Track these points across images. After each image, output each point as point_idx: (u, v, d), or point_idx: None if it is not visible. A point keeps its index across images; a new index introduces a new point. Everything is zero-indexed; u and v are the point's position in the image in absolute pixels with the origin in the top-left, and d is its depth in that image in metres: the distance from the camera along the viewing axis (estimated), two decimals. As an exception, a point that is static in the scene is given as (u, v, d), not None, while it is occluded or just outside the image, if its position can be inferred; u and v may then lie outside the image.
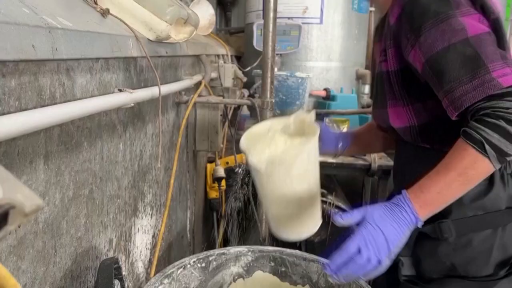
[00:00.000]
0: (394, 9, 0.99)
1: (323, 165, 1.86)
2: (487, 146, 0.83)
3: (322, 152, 1.10)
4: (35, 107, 0.69)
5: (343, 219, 0.93)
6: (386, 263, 0.87)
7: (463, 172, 0.86)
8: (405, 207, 0.88)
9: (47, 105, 0.72)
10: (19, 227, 0.68)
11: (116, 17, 1.08)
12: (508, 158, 0.85)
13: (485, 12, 0.94)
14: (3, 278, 0.32)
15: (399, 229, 0.87)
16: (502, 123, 0.82)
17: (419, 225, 0.89)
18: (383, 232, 0.87)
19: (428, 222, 0.95)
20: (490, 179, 1.00)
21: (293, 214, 1.02)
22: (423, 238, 1.06)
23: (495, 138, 0.83)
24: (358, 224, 0.90)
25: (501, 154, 0.83)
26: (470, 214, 1.01)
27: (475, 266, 1.02)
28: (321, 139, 1.03)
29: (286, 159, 0.98)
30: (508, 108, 0.82)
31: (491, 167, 0.85)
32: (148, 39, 1.18)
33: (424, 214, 0.89)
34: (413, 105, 1.02)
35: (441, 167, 0.89)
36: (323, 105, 2.72)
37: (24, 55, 0.60)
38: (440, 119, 0.98)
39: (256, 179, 1.02)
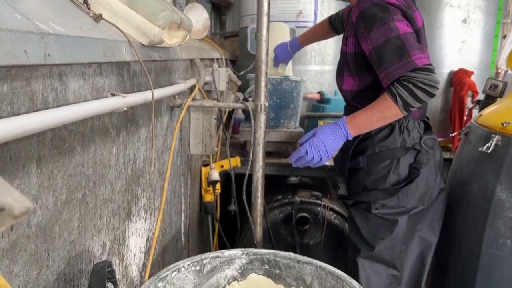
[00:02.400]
0: (355, 11, 1.49)
1: (317, 168, 1.87)
2: (398, 98, 1.38)
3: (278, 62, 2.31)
4: (27, 112, 0.70)
5: (302, 139, 1.56)
6: (325, 160, 1.52)
7: (381, 111, 1.43)
8: (341, 126, 1.49)
9: (40, 110, 0.73)
10: (11, 230, 0.68)
11: (109, 22, 1.09)
12: (411, 108, 1.39)
13: (410, 22, 1.45)
14: (-8, 278, 0.33)
15: (335, 140, 1.49)
16: (410, 85, 1.36)
17: (349, 137, 1.49)
18: (323, 142, 1.49)
19: (352, 159, 1.61)
20: (392, 128, 1.54)
21: None
22: (351, 170, 1.64)
23: (404, 94, 1.37)
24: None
25: (406, 104, 1.38)
26: (377, 150, 1.57)
27: (377, 184, 1.56)
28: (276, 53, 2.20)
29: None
30: (415, 77, 1.35)
31: (399, 112, 1.40)
32: (141, 44, 1.19)
33: (354, 132, 1.48)
34: (359, 77, 1.57)
35: (369, 106, 1.46)
36: (317, 108, 2.74)
37: (16, 60, 0.61)
38: (370, 87, 1.54)
39: None
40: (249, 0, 2.84)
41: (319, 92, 2.73)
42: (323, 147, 1.48)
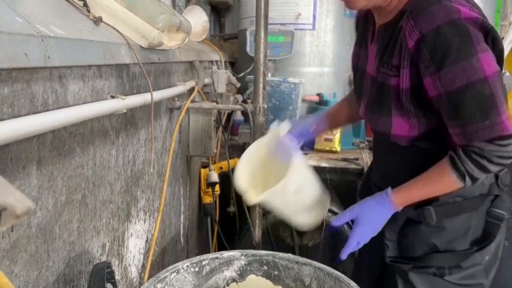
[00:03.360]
0: (410, 31, 1.00)
1: (316, 170, 1.89)
2: (467, 178, 1.04)
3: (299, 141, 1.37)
4: (28, 114, 0.70)
5: (338, 221, 1.24)
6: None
7: (441, 189, 1.11)
8: (388, 206, 1.15)
9: (40, 112, 0.74)
10: (12, 230, 0.69)
11: (109, 25, 1.10)
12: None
13: (494, 44, 1.01)
14: (-5, 277, 0.33)
15: (381, 223, 1.17)
16: (484, 162, 1.01)
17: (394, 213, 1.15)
18: (372, 229, 1.18)
19: (414, 208, 1.18)
20: None
21: (301, 217, 1.33)
22: (409, 222, 1.22)
23: (475, 171, 1.02)
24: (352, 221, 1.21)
25: (474, 180, 1.05)
26: (451, 201, 1.16)
27: (454, 244, 1.18)
28: (295, 135, 1.33)
29: (277, 189, 1.17)
30: (492, 151, 0.99)
31: (462, 186, 1.07)
32: (141, 46, 1.19)
33: (401, 208, 1.15)
34: (418, 119, 1.10)
35: (425, 179, 1.11)
36: (316, 110, 2.74)
37: (17, 63, 0.62)
38: (434, 130, 1.11)
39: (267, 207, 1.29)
40: (248, 2, 2.86)
41: (318, 94, 2.74)
42: (370, 234, 1.19)
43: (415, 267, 1.22)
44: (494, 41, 1.01)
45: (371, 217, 1.17)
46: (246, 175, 1.26)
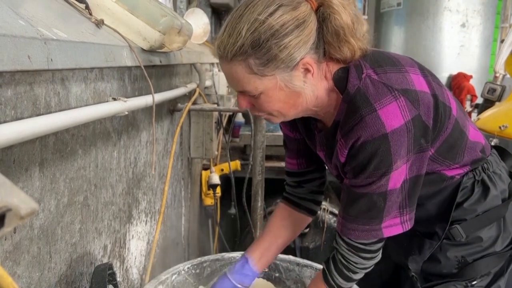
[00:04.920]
0: (342, 149, 1.00)
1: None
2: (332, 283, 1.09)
3: None
4: (30, 116, 0.71)
5: None
6: None
7: None
8: None
9: (42, 114, 0.74)
10: (14, 232, 0.69)
11: (111, 28, 1.11)
12: None
13: (438, 128, 1.00)
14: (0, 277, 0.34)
15: None
16: (350, 274, 1.07)
17: None
18: None
19: (438, 230, 1.14)
20: (483, 184, 1.11)
21: None
22: (432, 244, 1.17)
23: (342, 283, 1.08)
24: None
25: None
26: (474, 215, 1.12)
27: (484, 254, 1.14)
28: None
29: None
30: (357, 263, 1.05)
31: None
32: (142, 49, 1.20)
33: None
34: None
35: None
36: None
37: (20, 66, 0.62)
38: (440, 159, 1.06)
39: None
40: (249, 4, 2.86)
41: (318, 96, 2.74)
42: None
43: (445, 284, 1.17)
44: (436, 128, 0.99)
45: None
46: None
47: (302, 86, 0.94)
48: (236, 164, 2.30)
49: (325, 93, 1.00)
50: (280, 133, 2.49)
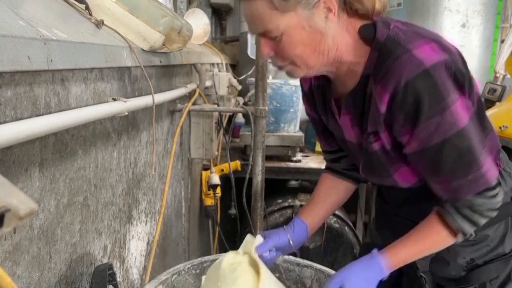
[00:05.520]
0: (380, 94, 0.93)
1: (317, 172, 1.88)
2: (460, 235, 0.99)
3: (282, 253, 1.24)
4: (30, 117, 0.71)
5: None
6: None
7: (432, 247, 1.05)
8: (378, 270, 1.03)
9: (42, 115, 0.74)
10: (14, 232, 0.69)
11: (111, 28, 1.11)
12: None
13: (471, 92, 0.94)
14: (-2, 277, 0.34)
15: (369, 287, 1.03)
16: (476, 217, 0.97)
17: (385, 278, 1.04)
18: None
19: None
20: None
21: None
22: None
23: (467, 227, 0.98)
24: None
25: (465, 235, 1.00)
26: None
27: (492, 255, 1.11)
28: (269, 247, 1.17)
29: None
30: (480, 205, 0.95)
31: (453, 242, 1.02)
32: (142, 49, 1.20)
33: (391, 270, 1.04)
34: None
35: (413, 238, 1.04)
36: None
37: (19, 66, 0.62)
38: None
39: None
40: (249, 5, 2.86)
41: (319, 96, 2.74)
42: None
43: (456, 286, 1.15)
44: (463, 87, 0.93)
45: (358, 284, 1.04)
46: None
47: (324, 26, 0.93)
48: (236, 164, 2.30)
49: (347, 47, 0.97)
50: (281, 133, 2.49)
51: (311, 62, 0.97)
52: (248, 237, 1.19)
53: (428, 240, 1.03)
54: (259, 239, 1.16)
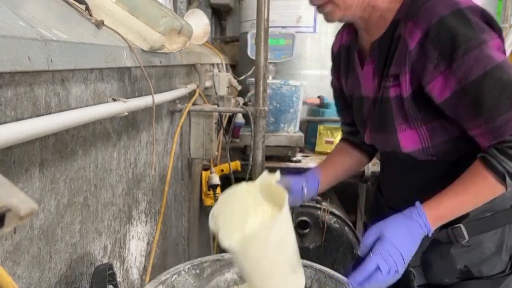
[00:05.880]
0: (411, 33, 0.93)
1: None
2: (508, 179, 0.90)
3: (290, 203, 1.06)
4: (30, 117, 0.71)
5: (363, 247, 0.99)
6: (402, 271, 0.96)
7: (480, 196, 0.95)
8: (420, 221, 0.95)
9: (42, 115, 0.74)
10: (14, 232, 0.70)
11: (111, 28, 1.11)
12: None
13: (500, 34, 0.94)
14: (0, 276, 0.34)
15: (412, 242, 0.95)
16: None
17: (430, 234, 0.97)
18: (398, 249, 0.94)
19: (440, 228, 1.04)
20: None
21: (277, 283, 1.02)
22: (434, 244, 1.09)
23: None
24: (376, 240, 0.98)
25: None
26: (480, 216, 1.05)
27: (488, 265, 1.07)
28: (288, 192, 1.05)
29: (259, 235, 0.96)
30: None
31: (504, 191, 0.93)
32: (142, 50, 1.20)
33: (436, 225, 0.98)
34: (426, 126, 1.02)
35: (459, 188, 0.96)
36: (317, 112, 2.75)
37: (20, 66, 0.62)
38: (455, 139, 1.01)
39: (233, 259, 1.05)
40: (249, 5, 2.87)
41: (319, 97, 2.74)
42: (399, 257, 0.94)
43: None
44: (497, 29, 0.94)
45: (399, 234, 0.95)
46: (223, 216, 1.06)
47: None
48: (236, 164, 2.30)
49: None
50: (280, 133, 2.49)
51: (349, 1, 1.00)
52: (266, 172, 1.11)
53: (474, 187, 0.94)
54: (277, 175, 1.07)
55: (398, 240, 0.94)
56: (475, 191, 0.95)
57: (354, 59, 1.14)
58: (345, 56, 1.21)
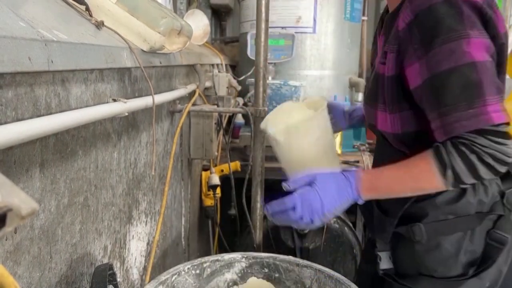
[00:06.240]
0: (404, 13, 0.95)
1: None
2: (449, 171, 0.89)
3: (334, 126, 1.25)
4: (31, 117, 0.71)
5: (293, 183, 1.04)
6: (318, 223, 1.00)
7: (417, 181, 0.95)
8: (352, 184, 0.99)
9: (43, 115, 0.75)
10: (15, 232, 0.70)
11: (111, 29, 1.11)
12: (462, 186, 0.93)
13: (494, 36, 0.93)
14: (1, 276, 0.34)
15: (338, 200, 0.99)
16: (473, 157, 0.87)
17: (360, 202, 1.01)
18: (321, 199, 0.98)
19: (402, 223, 1.08)
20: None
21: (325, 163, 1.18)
22: (399, 237, 1.11)
23: (460, 167, 0.89)
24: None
25: (458, 181, 0.90)
26: (441, 217, 1.05)
27: (444, 267, 1.07)
28: (330, 112, 1.26)
29: (300, 127, 1.13)
30: (484, 146, 0.87)
31: (442, 187, 0.93)
32: (142, 50, 1.20)
33: (367, 196, 1.00)
34: (400, 113, 1.02)
35: (401, 167, 0.97)
36: (317, 113, 2.75)
37: (20, 67, 0.62)
38: (423, 129, 1.00)
39: (276, 150, 1.20)
40: (249, 6, 2.87)
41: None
42: (318, 206, 0.98)
43: (401, 285, 1.12)
44: (488, 29, 0.92)
45: (328, 186, 0.98)
46: (272, 116, 1.27)
47: None
48: (236, 165, 2.31)
49: None
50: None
51: None
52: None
53: (415, 169, 0.95)
54: (322, 101, 1.22)
55: (325, 194, 0.97)
56: (415, 173, 0.95)
57: (379, 26, 1.18)
58: (380, 23, 1.21)
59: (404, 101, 1.01)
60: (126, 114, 1.08)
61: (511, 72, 2.33)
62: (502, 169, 0.89)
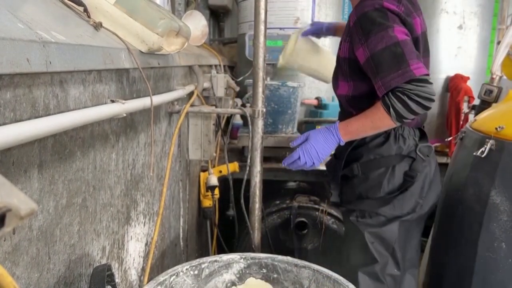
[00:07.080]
0: (352, 16, 1.47)
1: (315, 173, 1.87)
2: (392, 110, 1.36)
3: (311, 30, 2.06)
4: (29, 118, 0.71)
5: (295, 143, 1.57)
6: (317, 164, 1.54)
7: (374, 121, 1.43)
8: (334, 132, 1.50)
9: (41, 116, 0.75)
10: (14, 233, 0.70)
11: (109, 30, 1.11)
12: (404, 120, 1.38)
13: (409, 30, 1.42)
14: (0, 276, 0.34)
15: (327, 146, 1.52)
16: (405, 98, 1.34)
17: (341, 143, 1.51)
18: (315, 148, 1.52)
19: (346, 166, 1.61)
20: (387, 135, 1.54)
21: (321, 72, 2.14)
22: (345, 179, 1.63)
23: (398, 105, 1.35)
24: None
25: (400, 116, 1.37)
26: (371, 157, 1.56)
27: (372, 192, 1.56)
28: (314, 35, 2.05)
29: (292, 49, 2.01)
30: (411, 90, 1.33)
31: (392, 123, 1.40)
32: (140, 51, 1.21)
33: (346, 138, 1.50)
34: (353, 81, 1.54)
35: (363, 114, 1.46)
36: (315, 113, 2.76)
37: (19, 68, 0.63)
38: (365, 93, 1.51)
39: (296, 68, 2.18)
40: (247, 6, 2.87)
41: (316, 98, 2.75)
42: (315, 152, 1.51)
43: (347, 210, 1.64)
44: (407, 28, 1.41)
45: (318, 138, 1.51)
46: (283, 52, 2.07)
47: None
48: (234, 165, 2.31)
49: None
50: (278, 135, 2.49)
51: None
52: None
53: (371, 115, 1.43)
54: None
55: (317, 143, 1.51)
56: (372, 117, 1.43)
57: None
58: None
59: (358, 73, 1.49)
60: (124, 115, 1.08)
61: (509, 74, 2.34)
62: (429, 104, 1.35)
